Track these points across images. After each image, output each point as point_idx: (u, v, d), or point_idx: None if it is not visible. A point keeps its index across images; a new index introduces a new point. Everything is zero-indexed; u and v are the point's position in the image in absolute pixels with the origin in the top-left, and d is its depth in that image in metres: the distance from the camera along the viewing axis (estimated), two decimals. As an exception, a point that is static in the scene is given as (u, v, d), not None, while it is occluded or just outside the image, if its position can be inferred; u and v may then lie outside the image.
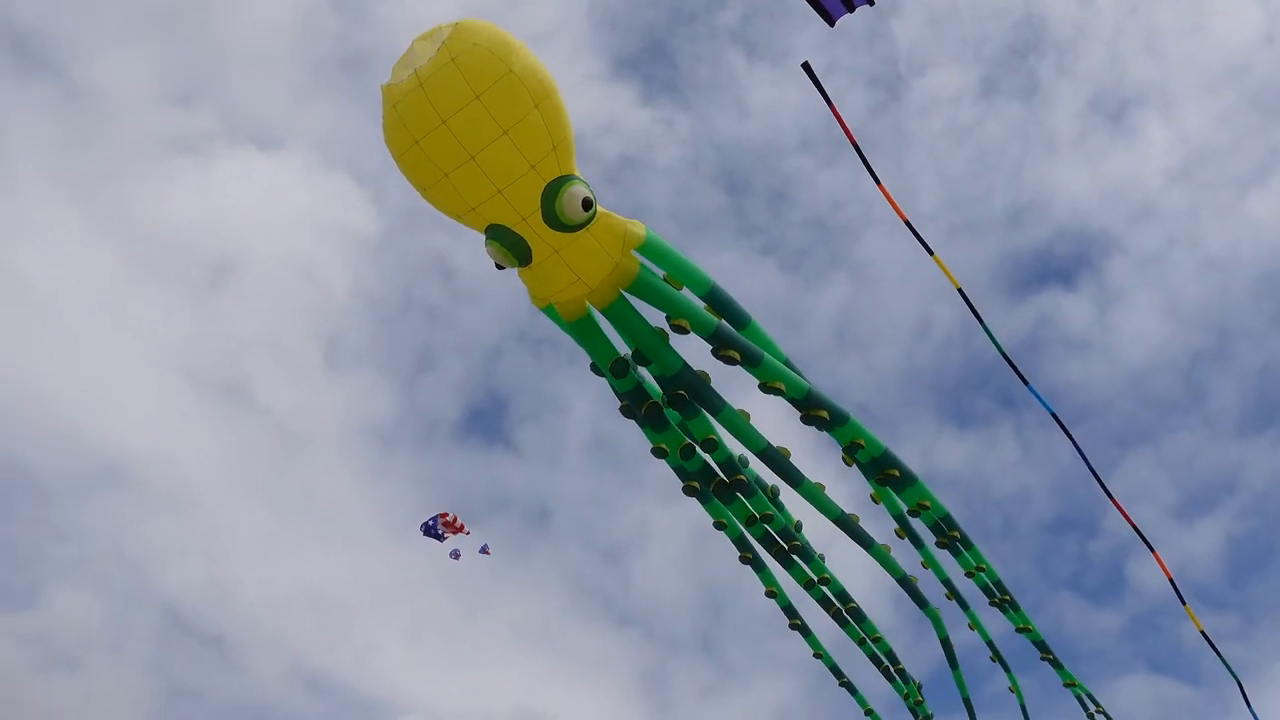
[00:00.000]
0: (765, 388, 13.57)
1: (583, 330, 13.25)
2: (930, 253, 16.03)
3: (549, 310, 13.21)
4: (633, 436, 14.18)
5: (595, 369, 13.60)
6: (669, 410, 13.77)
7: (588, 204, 12.25)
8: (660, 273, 13.23)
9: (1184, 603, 17.46)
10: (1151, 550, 16.71)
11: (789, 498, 14.96)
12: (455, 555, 36.86)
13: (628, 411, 13.77)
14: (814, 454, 14.45)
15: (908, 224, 14.73)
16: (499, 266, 12.70)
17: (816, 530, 15.27)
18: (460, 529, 36.36)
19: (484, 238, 12.46)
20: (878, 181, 14.52)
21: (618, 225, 12.77)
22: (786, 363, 14.06)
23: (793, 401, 13.87)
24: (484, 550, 37.70)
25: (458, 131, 11.80)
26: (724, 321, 13.34)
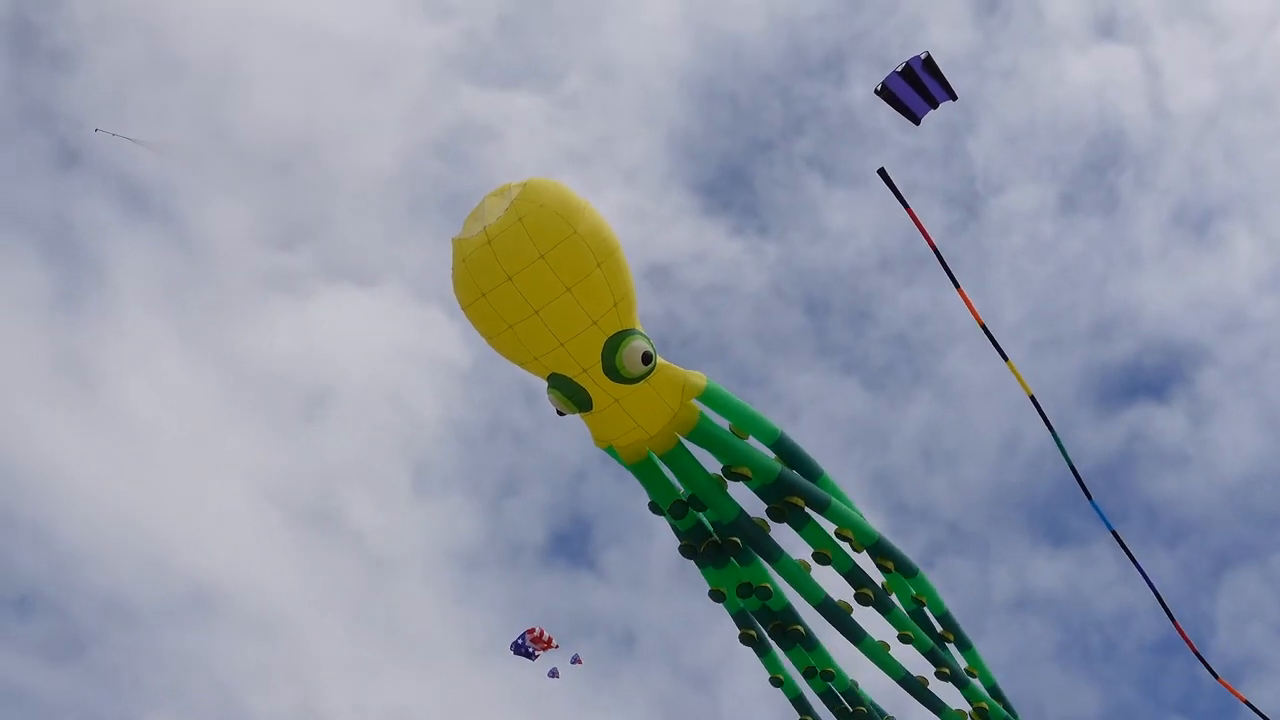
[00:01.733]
0: (835, 535, 13.67)
1: (643, 472, 13.60)
2: (1005, 358, 16.35)
3: (610, 450, 13.60)
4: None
5: (654, 508, 13.91)
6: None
7: (647, 358, 12.66)
8: (725, 423, 13.52)
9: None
10: (1216, 677, 16.44)
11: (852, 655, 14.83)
12: (554, 674, 36.83)
13: (688, 551, 14.01)
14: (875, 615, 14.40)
15: (984, 328, 14.98)
16: (560, 413, 13.16)
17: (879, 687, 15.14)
18: (549, 644, 36.54)
19: (546, 385, 12.95)
20: (956, 284, 14.81)
21: (677, 376, 13.17)
22: (841, 494, 14.10)
23: (867, 549, 13.81)
24: (575, 660, 37.77)
25: (523, 287, 12.31)
26: (787, 470, 13.51)
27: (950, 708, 15.17)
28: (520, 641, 35.76)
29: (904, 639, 14.40)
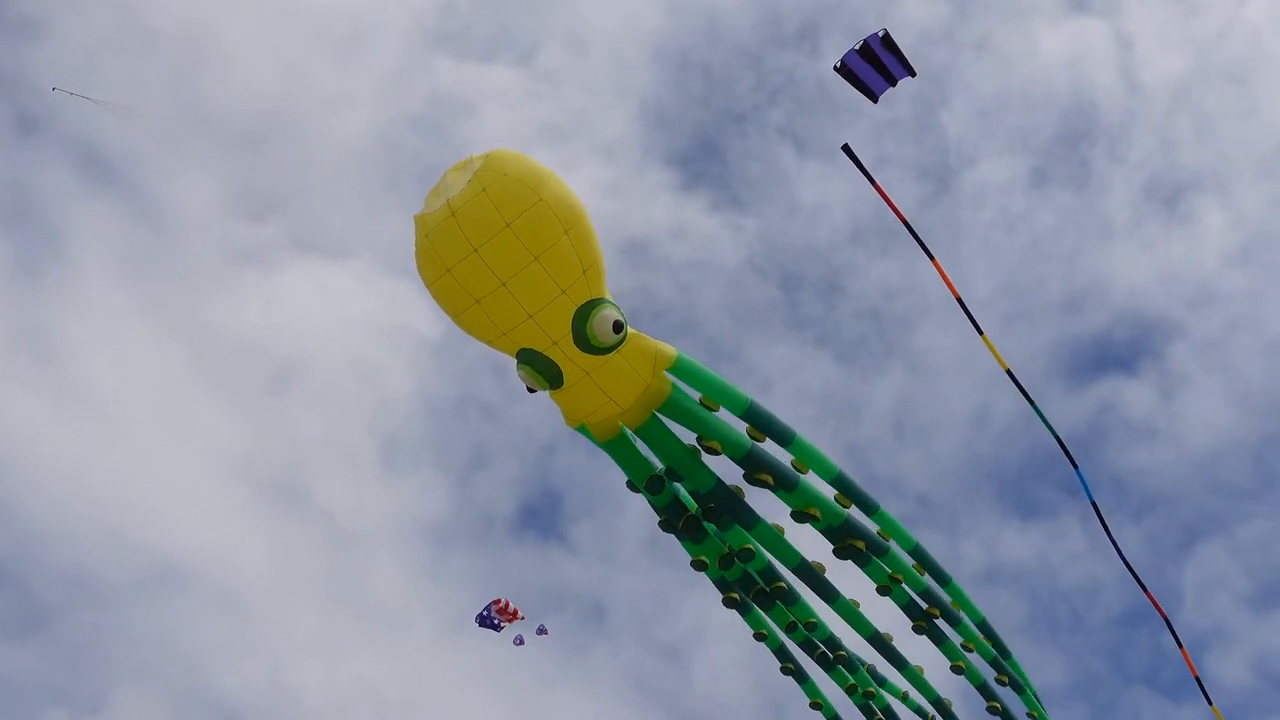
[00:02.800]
0: (798, 515, 13.58)
1: (617, 449, 13.34)
2: (980, 332, 16.21)
3: (582, 429, 13.32)
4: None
5: (631, 486, 13.68)
6: (707, 524, 13.80)
7: (618, 327, 12.41)
8: (696, 395, 13.30)
9: (1210, 702, 17.11)
10: (1180, 645, 16.42)
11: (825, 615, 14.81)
12: (519, 641, 36.65)
13: (666, 526, 13.80)
14: (853, 570, 14.27)
15: (959, 300, 14.78)
16: (530, 390, 12.87)
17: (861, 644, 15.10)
18: (515, 615, 36.30)
19: (515, 362, 12.65)
20: (931, 256, 14.60)
21: (648, 347, 12.91)
22: (839, 476, 13.86)
23: (828, 531, 13.81)
24: (541, 631, 37.57)
25: (489, 259, 12.04)
26: (757, 445, 13.34)
27: (912, 664, 15.29)
28: (485, 613, 35.48)
29: (883, 591, 14.30)
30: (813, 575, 14.07)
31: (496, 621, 35.61)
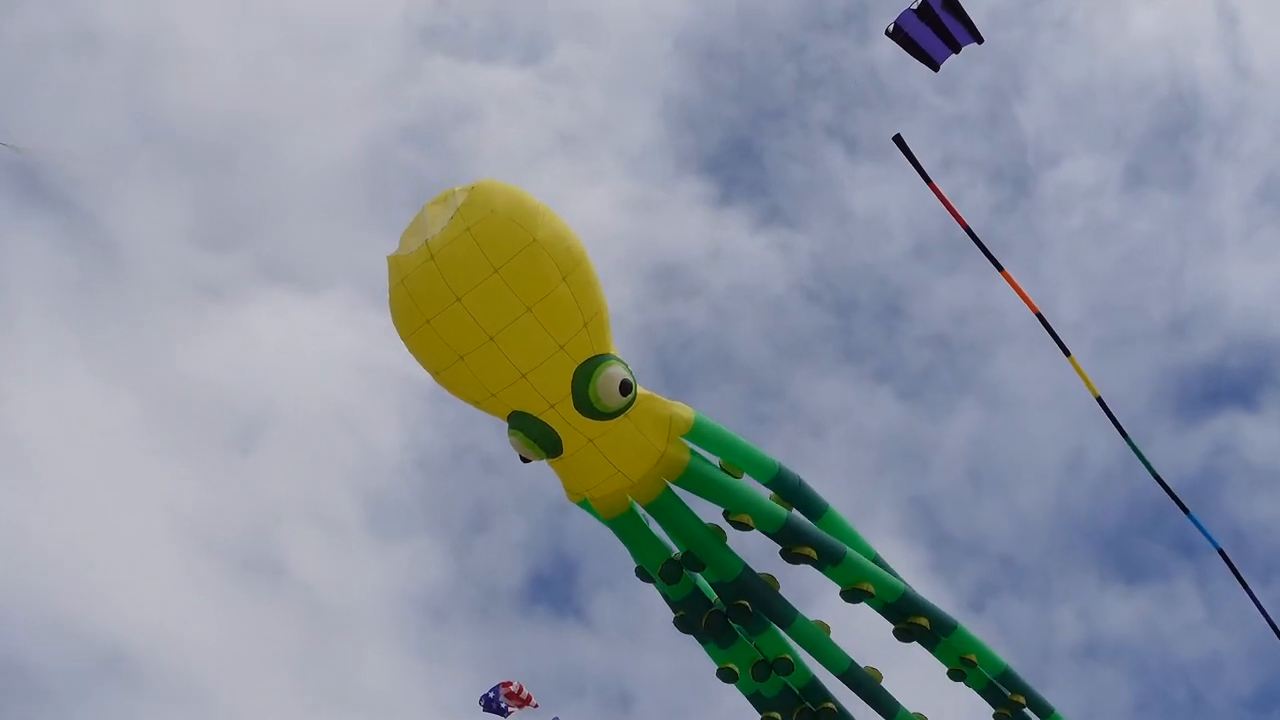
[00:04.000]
0: (849, 593, 11.80)
1: (625, 528, 11.65)
2: (1066, 353, 14.57)
3: (585, 505, 11.70)
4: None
5: (641, 573, 11.93)
6: (734, 624, 11.96)
7: (626, 387, 10.82)
8: (715, 460, 11.62)
9: None
10: None
11: None
12: None
13: (684, 624, 12.00)
14: (915, 671, 12.39)
15: (1038, 315, 13.00)
16: (524, 459, 11.23)
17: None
18: (527, 701, 34.11)
19: (507, 426, 11.02)
20: (998, 266, 12.85)
21: (661, 410, 11.28)
22: (876, 560, 12.24)
23: (885, 609, 12.04)
24: None
25: (475, 310, 10.56)
26: (795, 512, 11.64)
27: None
28: (493, 695, 33.26)
29: (955, 676, 12.43)
30: (867, 685, 12.17)
31: (505, 706, 33.42)
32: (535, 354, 10.67)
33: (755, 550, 11.89)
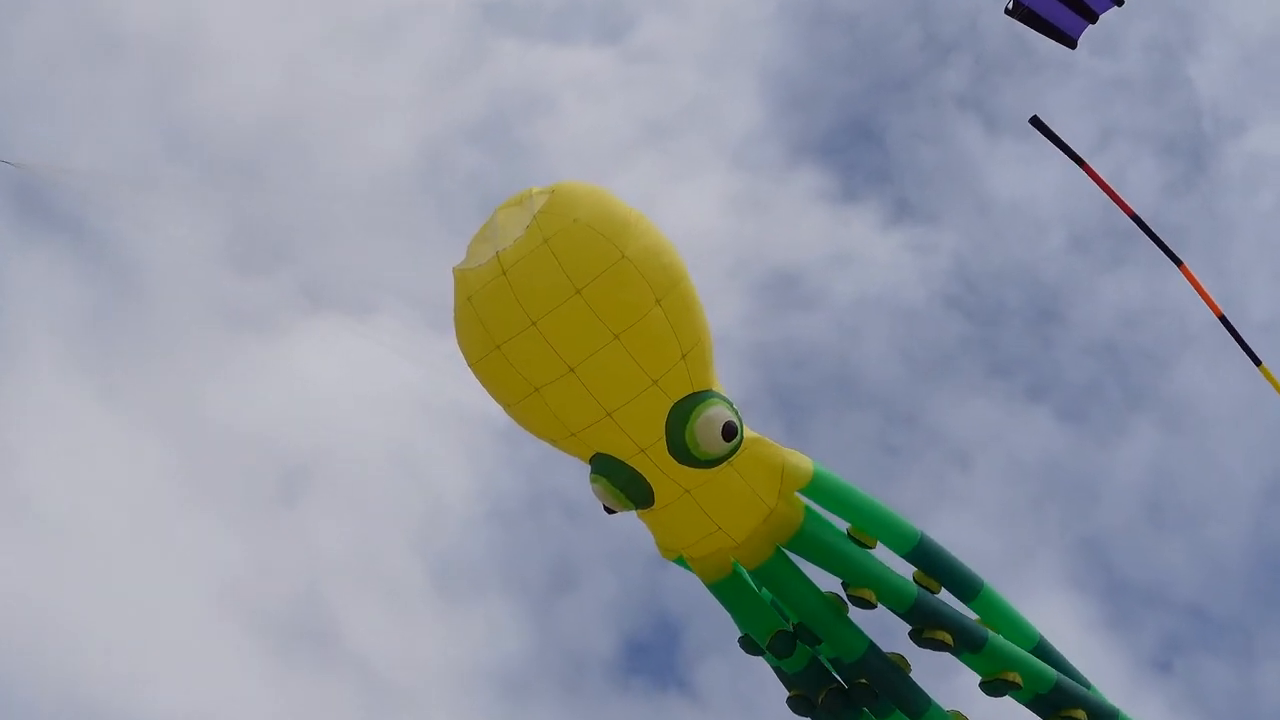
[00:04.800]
0: (991, 685, 9.99)
1: (728, 594, 10.03)
2: (1257, 362, 12.90)
3: (681, 562, 10.14)
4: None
5: (748, 644, 10.28)
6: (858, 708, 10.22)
7: (730, 431, 9.24)
8: (844, 525, 9.99)
9: None
10: None
11: None
12: None
13: (799, 705, 10.35)
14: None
15: (1222, 319, 11.00)
16: (609, 510, 9.72)
17: None
18: None
19: (589, 471, 9.57)
20: (1173, 257, 10.91)
21: (773, 458, 9.64)
22: (1040, 645, 10.43)
23: (1035, 702, 10.26)
24: None
25: (553, 336, 9.13)
26: (926, 591, 9.85)
27: None
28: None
29: None
30: None
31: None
32: (623, 390, 9.19)
33: (884, 621, 10.07)
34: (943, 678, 10.31)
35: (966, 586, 10.16)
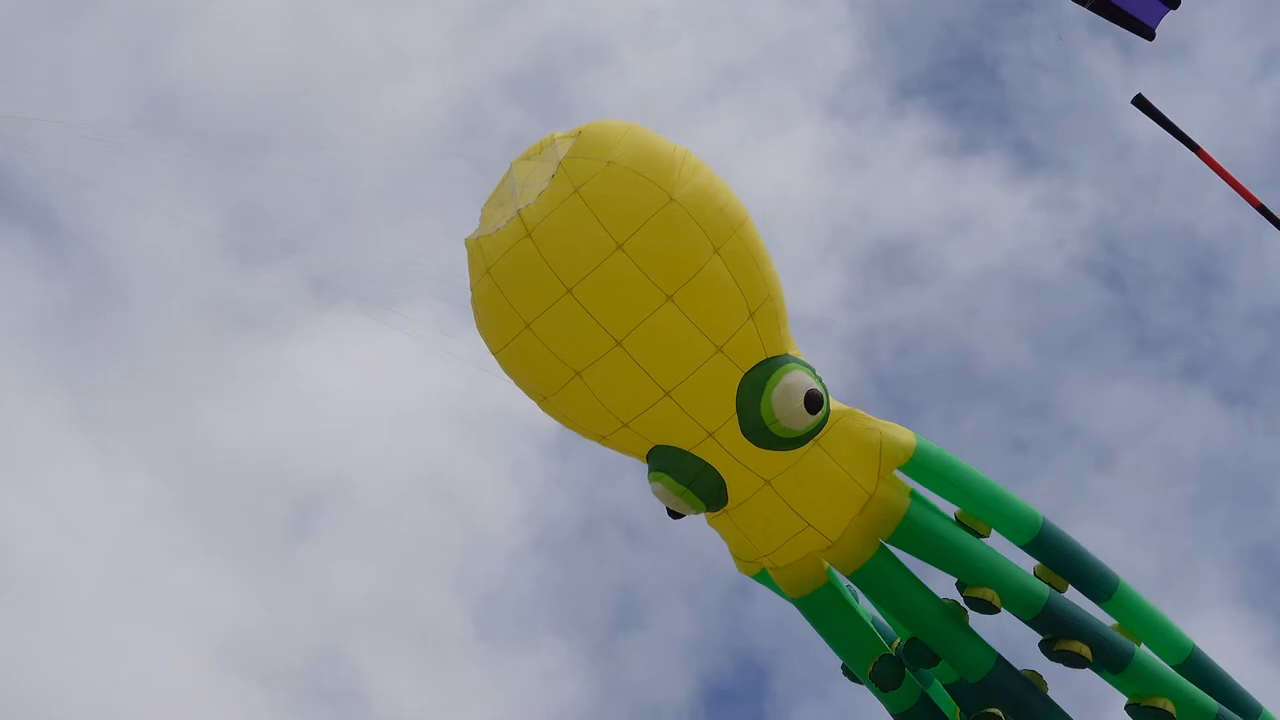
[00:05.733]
0: (1140, 712, 8.42)
1: (820, 609, 8.45)
2: None
3: (764, 577, 8.58)
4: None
5: (849, 672, 8.64)
6: None
7: (815, 400, 7.77)
8: (951, 510, 8.46)
9: None
10: None
11: None
12: None
13: None
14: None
15: None
16: (674, 515, 8.15)
17: None
18: None
19: (646, 469, 8.07)
20: None
21: (867, 432, 8.15)
22: (1193, 658, 8.85)
23: None
24: None
25: (593, 304, 7.74)
26: (1058, 594, 8.31)
27: None
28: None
29: None
30: None
31: None
32: (683, 362, 7.75)
33: (1010, 640, 8.42)
34: (1085, 703, 8.60)
35: (1100, 585, 8.57)
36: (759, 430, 7.76)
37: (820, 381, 7.84)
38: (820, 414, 7.76)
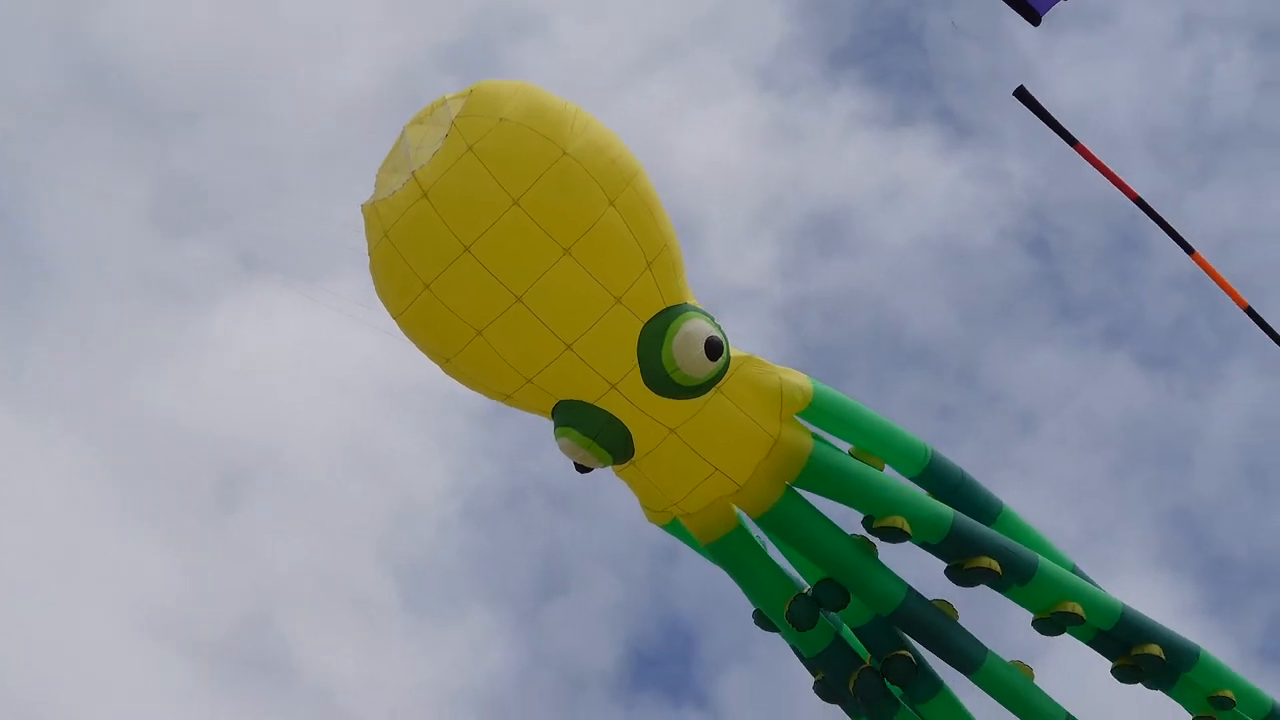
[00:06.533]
0: (1047, 622, 8.57)
1: (732, 554, 8.53)
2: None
3: (674, 527, 8.65)
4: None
5: (762, 618, 8.76)
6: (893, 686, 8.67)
7: (715, 347, 7.87)
8: (845, 446, 8.59)
9: None
10: None
11: None
12: None
13: (827, 690, 8.83)
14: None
15: (1249, 312, 9.74)
16: (581, 469, 8.23)
17: None
18: None
19: (552, 424, 8.14)
20: (1188, 249, 9.68)
21: (767, 377, 8.26)
22: (1075, 571, 9.03)
23: (1098, 640, 8.87)
24: None
25: (491, 261, 7.75)
26: (962, 515, 8.49)
27: None
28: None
29: None
30: None
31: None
32: (583, 314, 7.81)
33: (916, 581, 8.58)
34: (987, 631, 8.75)
35: (985, 509, 8.82)
36: (661, 379, 7.83)
37: (719, 329, 7.94)
38: (721, 361, 7.86)
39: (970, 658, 8.42)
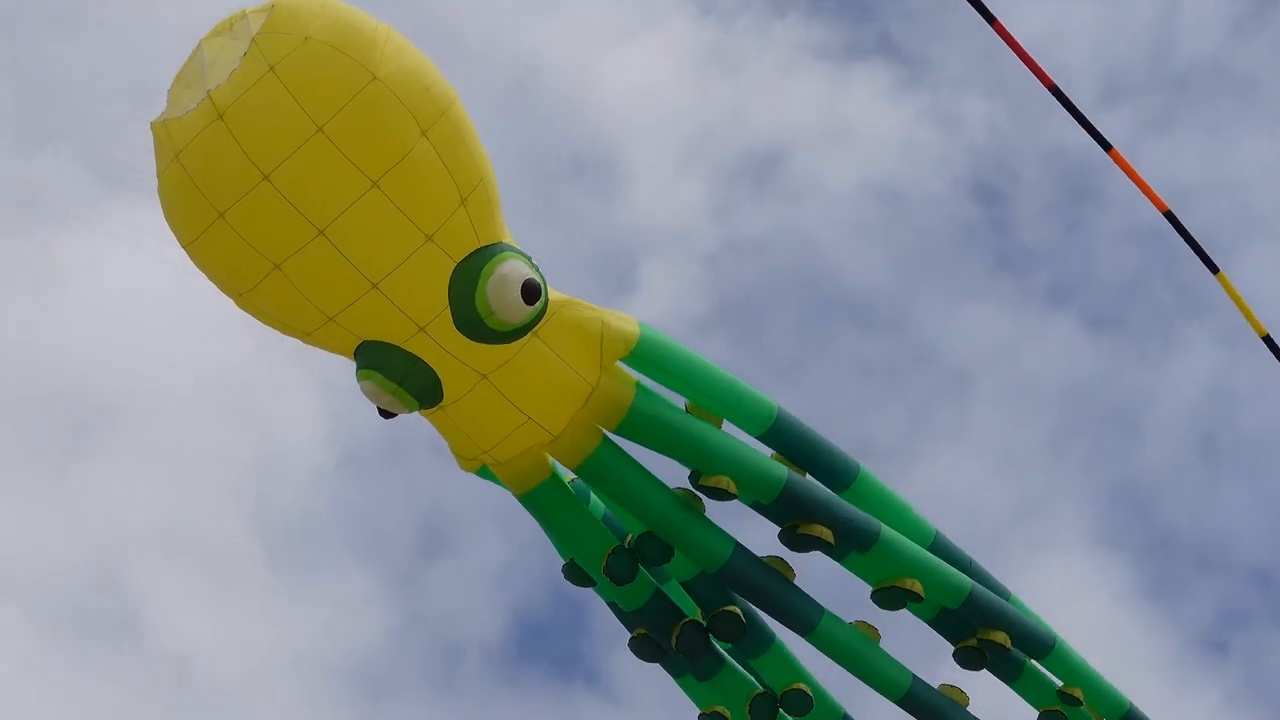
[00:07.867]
0: (886, 595, 8.27)
1: (546, 504, 8.18)
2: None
3: (485, 472, 8.28)
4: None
5: (574, 573, 8.44)
6: (720, 642, 8.40)
7: (532, 290, 7.45)
8: (681, 401, 8.21)
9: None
10: None
11: None
12: None
13: (644, 647, 8.47)
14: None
15: (1167, 213, 9.56)
16: (386, 415, 7.80)
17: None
18: None
19: (355, 367, 7.66)
20: (1105, 147, 9.42)
21: (588, 321, 7.85)
22: (937, 543, 8.66)
23: (939, 620, 8.57)
24: None
25: (292, 190, 7.24)
26: (797, 476, 8.13)
27: None
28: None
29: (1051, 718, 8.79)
30: (937, 712, 8.47)
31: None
32: (391, 251, 7.33)
33: (752, 536, 8.27)
34: (832, 593, 8.48)
35: (838, 473, 8.35)
36: (473, 323, 7.40)
37: (538, 270, 7.53)
38: (538, 305, 7.45)
39: (805, 618, 8.11)
